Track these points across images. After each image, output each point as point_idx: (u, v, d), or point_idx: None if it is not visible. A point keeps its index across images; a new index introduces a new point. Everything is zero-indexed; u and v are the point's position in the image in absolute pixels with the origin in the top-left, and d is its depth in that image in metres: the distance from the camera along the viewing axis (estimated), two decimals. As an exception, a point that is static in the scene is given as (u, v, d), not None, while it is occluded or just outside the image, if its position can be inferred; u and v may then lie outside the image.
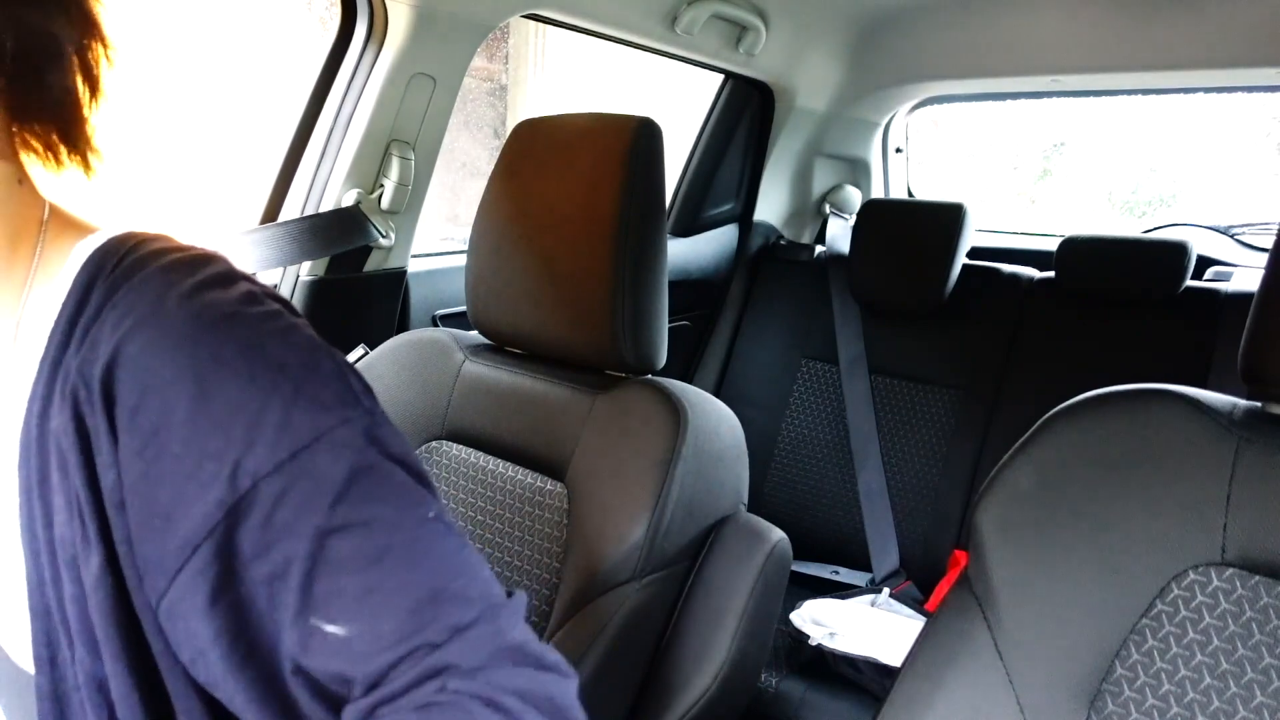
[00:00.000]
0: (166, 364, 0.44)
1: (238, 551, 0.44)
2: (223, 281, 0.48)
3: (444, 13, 1.25)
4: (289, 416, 0.45)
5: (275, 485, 0.44)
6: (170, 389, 0.44)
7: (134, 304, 0.46)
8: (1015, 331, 1.72)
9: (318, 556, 0.44)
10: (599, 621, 0.84)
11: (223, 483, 0.44)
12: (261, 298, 0.48)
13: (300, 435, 0.45)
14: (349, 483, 0.45)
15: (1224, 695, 0.60)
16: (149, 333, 0.45)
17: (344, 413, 0.46)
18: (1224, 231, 2.11)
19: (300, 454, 0.44)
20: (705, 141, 2.00)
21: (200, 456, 0.44)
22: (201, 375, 0.44)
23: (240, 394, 0.44)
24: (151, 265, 0.48)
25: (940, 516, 1.68)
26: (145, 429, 0.44)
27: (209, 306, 0.46)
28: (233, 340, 0.45)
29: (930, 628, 0.72)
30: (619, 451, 0.90)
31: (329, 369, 0.48)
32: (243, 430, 0.44)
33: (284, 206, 1.34)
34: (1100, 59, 1.73)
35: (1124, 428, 0.67)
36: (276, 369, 0.46)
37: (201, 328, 0.45)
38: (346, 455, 0.45)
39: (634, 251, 0.93)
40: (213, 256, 0.50)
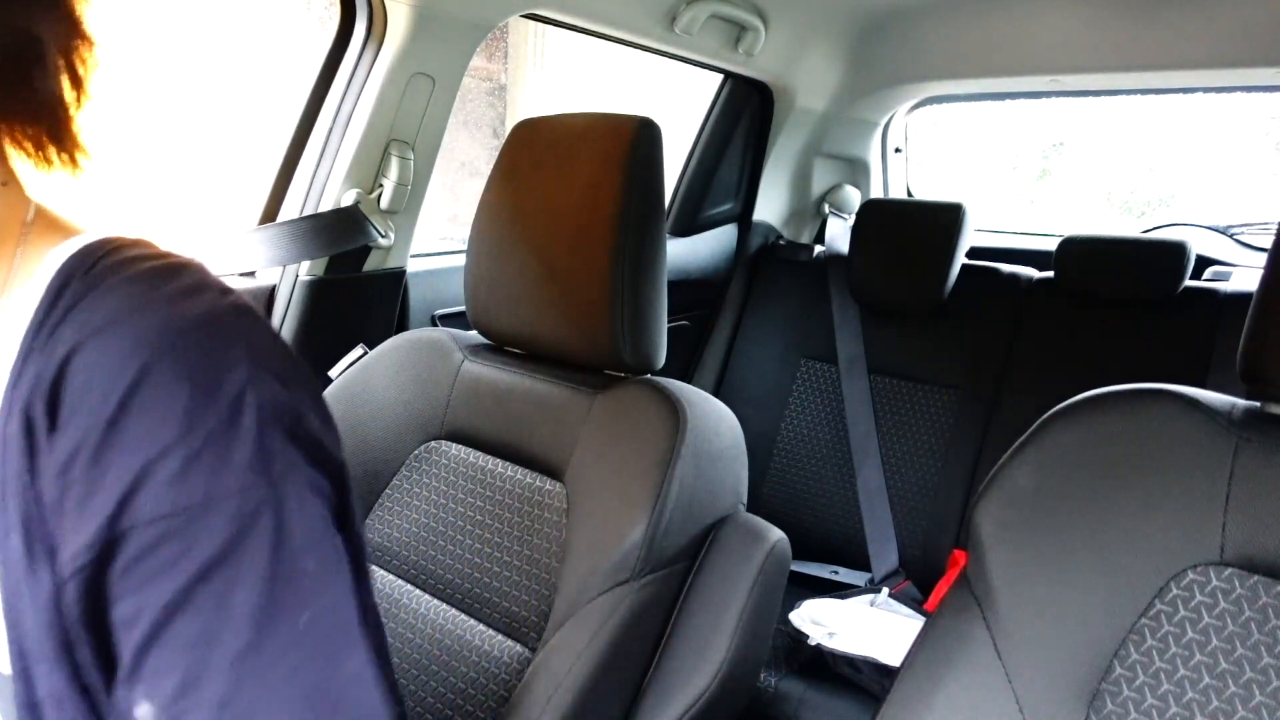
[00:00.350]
0: (104, 378, 0.43)
1: (103, 592, 0.42)
2: (186, 296, 0.46)
3: (443, 12, 1.25)
4: (187, 470, 0.42)
5: (148, 535, 0.42)
6: (98, 407, 0.43)
7: (95, 311, 0.45)
8: (1014, 331, 1.72)
9: (159, 627, 0.42)
10: (598, 621, 0.84)
11: (103, 523, 0.42)
12: (221, 318, 0.46)
13: (190, 494, 0.42)
14: (219, 562, 0.42)
15: (1223, 695, 0.60)
16: (97, 344, 0.43)
17: (245, 480, 0.43)
18: (1223, 231, 2.11)
19: (182, 514, 0.42)
20: (705, 141, 2.00)
21: (96, 487, 0.42)
22: (124, 400, 0.42)
23: (149, 431, 0.42)
24: (122, 272, 0.47)
25: (939, 516, 1.68)
26: (67, 448, 0.43)
27: (157, 324, 0.44)
28: (166, 368, 0.43)
29: (929, 628, 0.72)
30: (618, 451, 0.90)
31: (248, 426, 0.44)
32: (137, 470, 0.42)
33: (283, 206, 1.34)
34: (1099, 59, 1.73)
35: (1123, 427, 0.67)
36: (195, 412, 0.43)
37: (142, 346, 0.43)
38: (227, 530, 0.42)
39: (633, 251, 0.93)
40: (185, 265, 0.48)
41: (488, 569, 0.96)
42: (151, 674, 0.41)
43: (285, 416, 0.46)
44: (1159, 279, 1.60)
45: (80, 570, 0.42)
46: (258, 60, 3.61)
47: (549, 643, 0.87)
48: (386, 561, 1.04)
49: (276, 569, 0.43)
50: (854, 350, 1.82)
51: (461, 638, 0.95)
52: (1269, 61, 1.57)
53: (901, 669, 0.71)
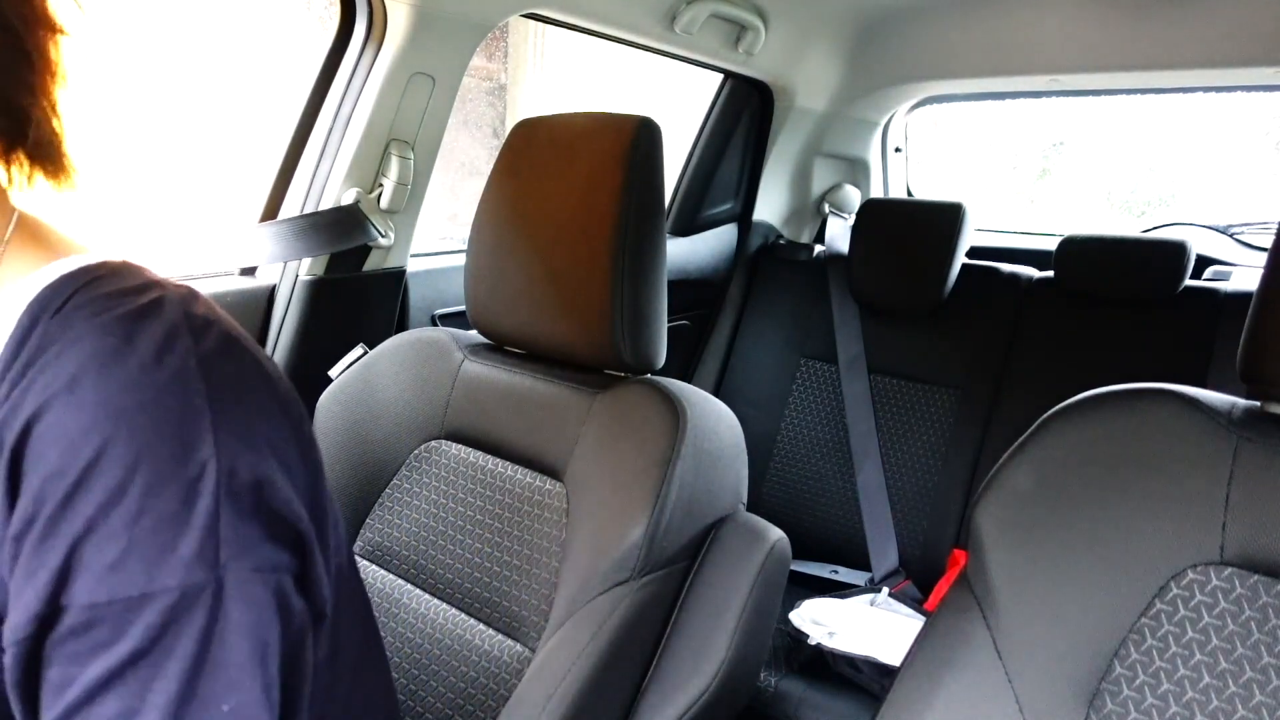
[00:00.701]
0: (64, 448, 0.42)
1: (39, 659, 0.43)
2: (160, 351, 0.44)
3: (443, 12, 1.25)
4: (126, 558, 0.42)
5: (80, 617, 0.42)
6: (55, 480, 0.42)
7: (63, 368, 0.43)
8: (1014, 331, 1.72)
9: (81, 704, 0.42)
10: (598, 621, 0.84)
11: (47, 596, 0.42)
12: (191, 379, 0.44)
13: (126, 585, 0.42)
14: (146, 652, 0.42)
15: (1223, 694, 0.60)
16: (62, 407, 0.42)
17: (186, 573, 0.43)
18: (1223, 231, 2.11)
19: (117, 603, 0.42)
20: (704, 141, 2.00)
21: (44, 558, 0.42)
22: (83, 475, 0.42)
23: (100, 514, 0.42)
24: (95, 316, 0.45)
25: (939, 516, 1.68)
26: (26, 513, 0.43)
27: (126, 391, 0.43)
28: (128, 443, 0.42)
29: (929, 627, 0.72)
30: (618, 451, 0.90)
31: (201, 510, 0.44)
32: (81, 551, 0.42)
33: (283, 205, 1.34)
34: (1099, 59, 1.73)
35: (1123, 427, 0.67)
36: (150, 497, 0.42)
37: (107, 417, 0.42)
38: (158, 622, 0.42)
39: (633, 251, 0.93)
40: (159, 308, 0.46)
41: (488, 569, 0.96)
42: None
43: (246, 491, 0.45)
44: (1159, 279, 1.60)
45: (22, 641, 0.42)
46: (258, 60, 3.61)
47: (549, 642, 0.87)
48: (386, 561, 1.04)
49: (202, 661, 0.44)
50: (854, 350, 1.82)
51: (461, 637, 0.95)
52: (1269, 61, 1.57)
53: (901, 669, 0.71)
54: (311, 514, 0.50)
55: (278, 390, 0.49)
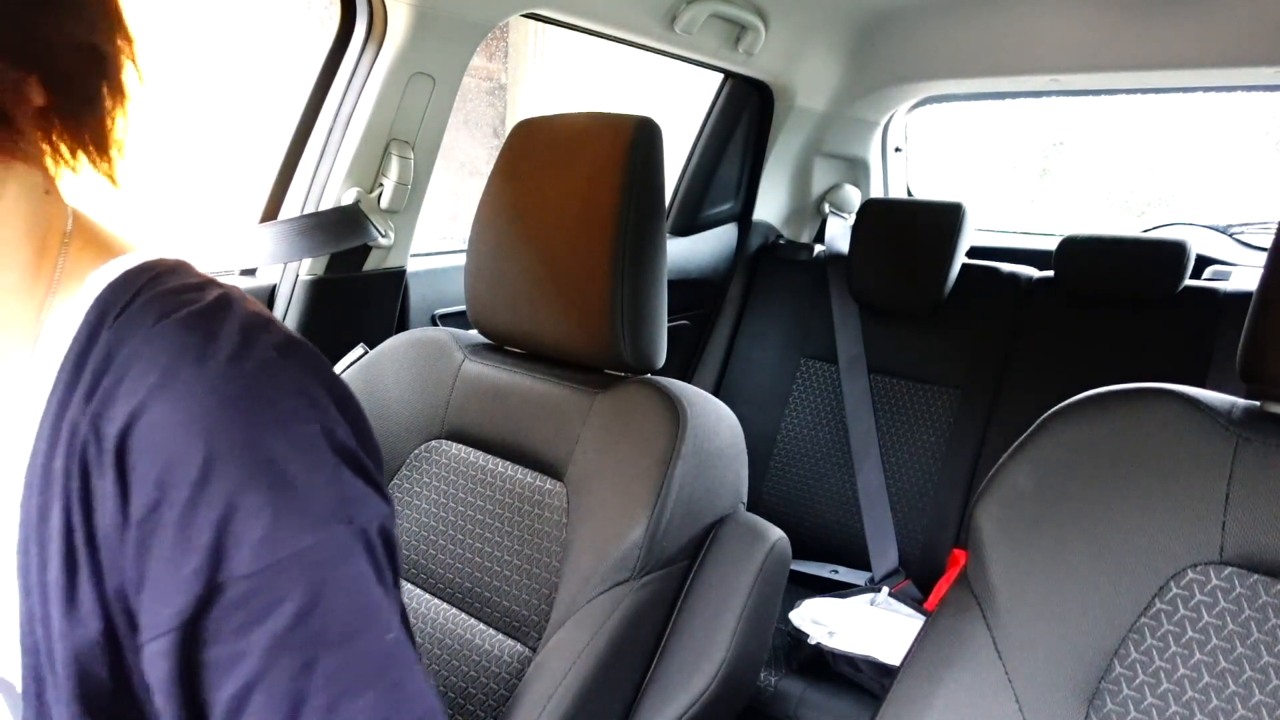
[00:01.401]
0: (178, 439, 0.45)
1: (197, 642, 0.45)
2: (244, 343, 0.48)
3: (443, 12, 1.25)
4: (275, 526, 0.45)
5: (244, 588, 0.45)
6: (176, 470, 0.45)
7: (152, 364, 0.46)
8: (1014, 331, 1.72)
9: (262, 667, 0.45)
10: (598, 620, 0.84)
11: (202, 578, 0.45)
12: (278, 365, 0.48)
13: (280, 548, 0.45)
14: (313, 602, 0.46)
15: (1223, 694, 0.60)
16: (165, 401, 0.45)
17: (326, 528, 0.47)
18: (1223, 231, 2.11)
19: (275, 566, 0.45)
20: (704, 141, 2.00)
21: (189, 543, 0.45)
22: (208, 459, 0.45)
23: (237, 490, 0.45)
24: (172, 317, 0.48)
25: (939, 516, 1.68)
26: (147, 503, 0.45)
27: (226, 381, 0.46)
28: (245, 426, 0.46)
29: (929, 627, 0.72)
30: (618, 451, 0.90)
31: (325, 475, 0.48)
32: (232, 529, 0.45)
33: (284, 205, 1.34)
34: (1099, 58, 1.73)
35: (1123, 427, 0.67)
36: (279, 467, 0.46)
37: (217, 406, 0.45)
38: (318, 575, 0.46)
39: (633, 251, 0.93)
40: (229, 304, 0.49)
41: (488, 568, 0.97)
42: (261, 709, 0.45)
43: (347, 453, 0.50)
44: (1159, 278, 1.60)
45: (181, 626, 0.45)
46: (258, 60, 3.62)
47: (549, 642, 0.87)
48: (387, 561, 1.04)
49: (359, 603, 0.48)
50: (854, 350, 1.82)
51: (462, 637, 0.95)
52: (1269, 61, 1.57)
53: (901, 668, 0.71)
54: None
55: (333, 376, 0.53)
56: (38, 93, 0.46)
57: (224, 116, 3.55)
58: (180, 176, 3.43)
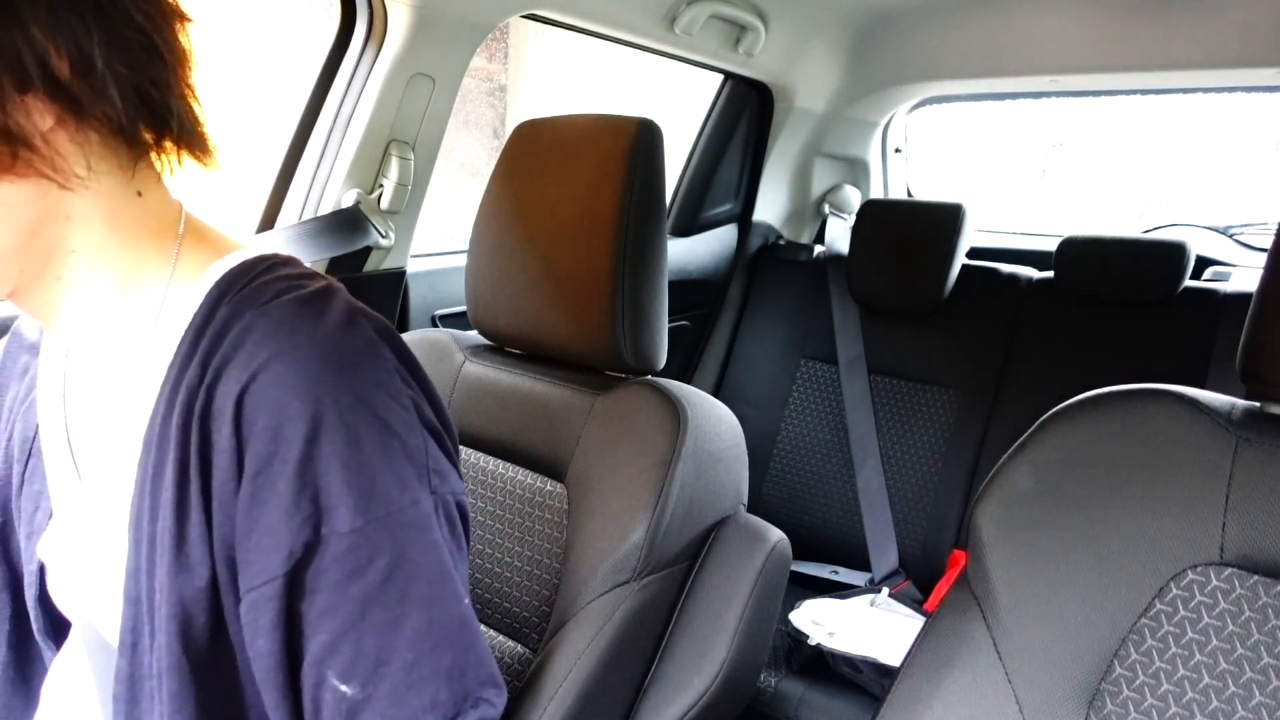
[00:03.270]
0: (293, 401, 0.49)
1: (299, 590, 0.49)
2: (349, 322, 0.52)
3: (443, 13, 1.25)
4: (375, 485, 0.50)
5: (344, 544, 0.49)
6: (290, 426, 0.48)
7: (269, 334, 0.50)
8: (1014, 331, 1.72)
9: (355, 620, 0.49)
10: (599, 621, 0.84)
11: (309, 529, 0.49)
12: (379, 344, 0.53)
13: (378, 507, 0.50)
14: (401, 561, 0.50)
15: (1223, 695, 0.60)
16: (281, 366, 0.49)
17: (417, 494, 0.52)
18: (1223, 231, 2.11)
19: (372, 525, 0.49)
20: (704, 142, 2.00)
21: (299, 497, 0.49)
22: (319, 420, 0.49)
23: (344, 449, 0.49)
24: (284, 296, 0.52)
25: (939, 516, 1.68)
26: (263, 455, 0.49)
27: (336, 350, 0.50)
28: (351, 391, 0.50)
29: (929, 628, 0.72)
30: (619, 452, 0.90)
31: (418, 444, 0.52)
32: (337, 486, 0.49)
33: (284, 206, 1.34)
34: (1099, 59, 1.73)
35: (1123, 428, 0.67)
36: (381, 432, 0.50)
37: (327, 371, 0.49)
38: (407, 535, 0.51)
39: (634, 252, 0.94)
40: (334, 291, 0.54)
41: (489, 569, 0.97)
42: (349, 660, 0.49)
43: (437, 431, 0.55)
44: (1159, 279, 1.60)
45: (287, 574, 0.49)
46: (258, 60, 3.61)
47: (550, 643, 0.87)
48: (387, 562, 1.04)
49: (442, 564, 0.52)
50: (854, 350, 1.82)
51: (462, 638, 0.95)
52: (1269, 62, 1.57)
53: (901, 669, 0.71)
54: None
55: (415, 359, 0.57)
56: (47, 112, 0.48)
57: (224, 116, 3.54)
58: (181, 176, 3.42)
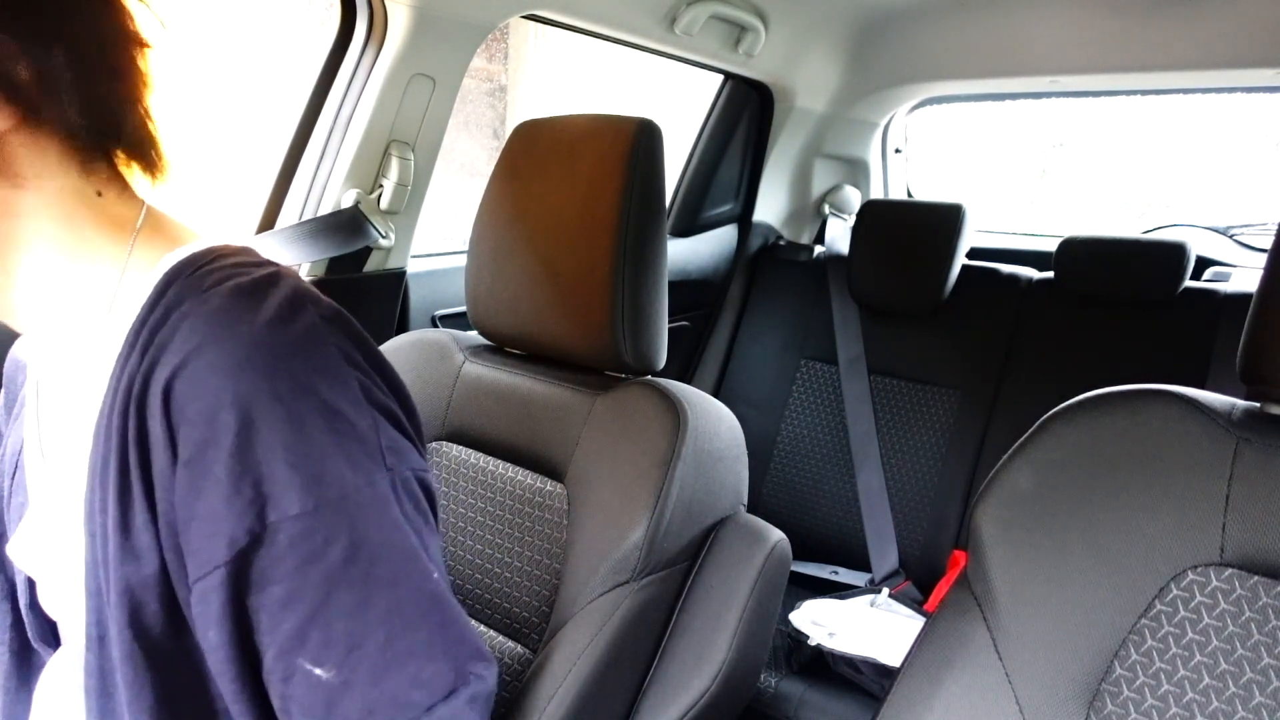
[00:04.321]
0: (226, 386, 0.47)
1: (249, 579, 0.48)
2: (290, 309, 0.50)
3: (443, 13, 1.25)
4: (323, 468, 0.48)
5: (295, 528, 0.48)
6: (225, 412, 0.47)
7: (204, 320, 0.49)
8: (1014, 332, 1.72)
9: (319, 605, 0.48)
10: (599, 622, 0.84)
11: (251, 516, 0.47)
12: (323, 330, 0.51)
13: (329, 489, 0.48)
14: (362, 542, 0.49)
15: (1223, 695, 0.60)
16: (214, 352, 0.48)
17: (371, 474, 0.50)
18: (1223, 232, 2.11)
19: (324, 507, 0.48)
20: (705, 142, 2.00)
21: (238, 484, 0.47)
22: (255, 405, 0.47)
23: (286, 434, 0.48)
24: (225, 284, 0.51)
25: (939, 517, 1.68)
26: (196, 441, 0.48)
27: (272, 337, 0.49)
28: (290, 376, 0.49)
29: (929, 628, 0.72)
30: (619, 452, 0.90)
31: (367, 425, 0.51)
32: (281, 471, 0.47)
33: (284, 206, 1.34)
34: (1099, 60, 1.73)
35: (1123, 428, 0.67)
36: (324, 415, 0.49)
37: (262, 358, 0.48)
38: (365, 516, 0.49)
39: (634, 253, 0.94)
40: (281, 277, 0.53)
41: (489, 570, 0.97)
42: (320, 645, 0.48)
43: (390, 411, 0.53)
44: (1159, 279, 1.60)
45: (232, 560, 0.47)
46: (259, 60, 3.62)
47: (550, 643, 0.87)
48: (387, 562, 1.04)
49: (406, 542, 0.51)
50: (854, 351, 1.82)
51: (462, 638, 0.95)
52: (1268, 63, 1.57)
53: (901, 669, 0.71)
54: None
55: (373, 347, 0.56)
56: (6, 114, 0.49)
57: (224, 116, 3.55)
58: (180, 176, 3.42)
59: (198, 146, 2.92)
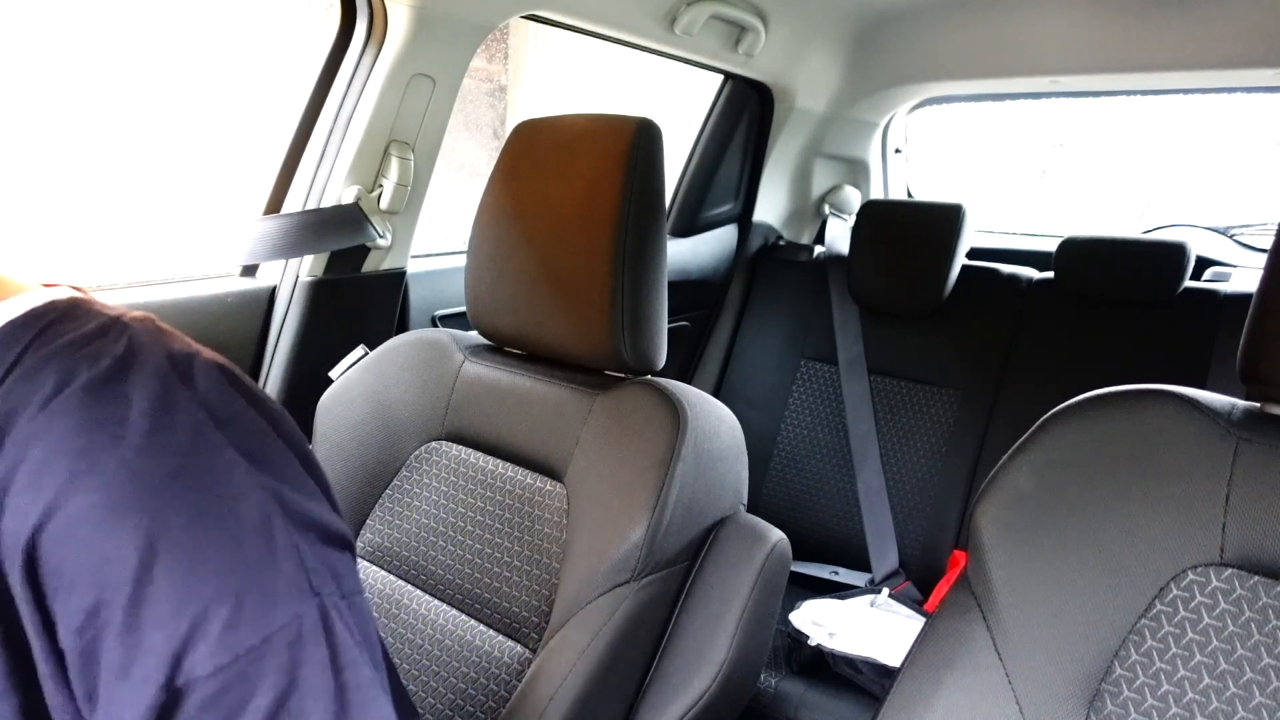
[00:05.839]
0: (107, 536, 0.40)
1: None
2: (163, 408, 0.42)
3: (443, 13, 1.25)
4: (237, 615, 0.41)
5: (210, 687, 0.41)
6: (110, 567, 0.40)
7: (58, 448, 0.41)
8: (1014, 332, 1.72)
9: None
10: (598, 622, 0.84)
11: (157, 684, 0.40)
12: (207, 427, 0.43)
13: (245, 637, 0.41)
14: (290, 689, 0.42)
15: (1223, 695, 0.60)
16: (84, 491, 0.40)
17: (295, 607, 0.43)
18: (1223, 232, 2.11)
19: (242, 658, 0.41)
20: (705, 142, 2.00)
21: (137, 649, 0.40)
22: (148, 554, 0.40)
23: (186, 581, 0.40)
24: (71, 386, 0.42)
25: (939, 517, 1.68)
26: (83, 608, 0.40)
27: (153, 460, 0.41)
28: (184, 507, 0.41)
29: (929, 628, 0.72)
30: (619, 452, 0.90)
31: (285, 545, 0.43)
32: (186, 626, 0.40)
33: (284, 206, 1.34)
34: (1099, 60, 1.73)
35: (1123, 428, 0.67)
36: (230, 547, 0.42)
37: (146, 491, 0.41)
38: (288, 659, 0.42)
39: (634, 252, 0.94)
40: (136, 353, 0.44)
41: (488, 570, 0.96)
42: None
43: (303, 520, 0.45)
44: (1159, 280, 1.60)
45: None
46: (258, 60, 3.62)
47: (549, 643, 0.87)
48: (386, 562, 1.04)
49: (342, 678, 0.44)
50: (854, 351, 1.83)
51: (462, 638, 0.95)
52: (1268, 63, 1.57)
53: (901, 669, 0.71)
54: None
55: (272, 411, 0.48)
56: None
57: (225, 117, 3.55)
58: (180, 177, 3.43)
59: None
